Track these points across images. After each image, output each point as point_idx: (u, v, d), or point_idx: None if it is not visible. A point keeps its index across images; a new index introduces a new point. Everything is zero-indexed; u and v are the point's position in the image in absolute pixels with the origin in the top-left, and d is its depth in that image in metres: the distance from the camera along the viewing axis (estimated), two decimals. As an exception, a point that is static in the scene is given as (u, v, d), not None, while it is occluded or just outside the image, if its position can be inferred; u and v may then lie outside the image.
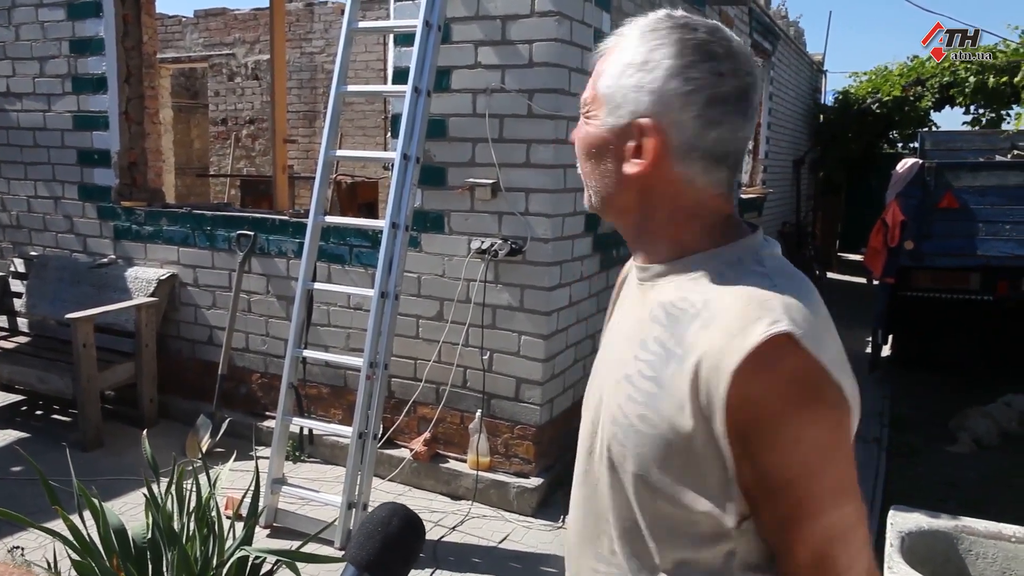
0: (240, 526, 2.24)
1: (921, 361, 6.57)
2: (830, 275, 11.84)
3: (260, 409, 4.34)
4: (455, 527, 3.41)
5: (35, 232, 5.05)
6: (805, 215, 11.93)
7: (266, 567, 2.22)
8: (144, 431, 2.59)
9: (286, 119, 5.10)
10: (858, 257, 10.80)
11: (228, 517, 2.63)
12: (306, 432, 4.01)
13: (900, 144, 12.77)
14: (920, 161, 6.07)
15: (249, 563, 2.14)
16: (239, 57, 10.11)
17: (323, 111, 9.14)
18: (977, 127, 10.65)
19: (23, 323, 4.97)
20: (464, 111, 3.54)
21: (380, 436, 3.37)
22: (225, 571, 2.08)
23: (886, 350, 6.78)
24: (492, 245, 3.52)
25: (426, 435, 3.77)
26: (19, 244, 5.12)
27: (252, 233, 4.23)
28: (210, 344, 4.49)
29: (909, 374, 6.38)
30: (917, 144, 7.43)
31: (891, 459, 4.58)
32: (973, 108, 10.86)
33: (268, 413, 4.23)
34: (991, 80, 10.13)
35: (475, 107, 3.51)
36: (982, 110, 10.81)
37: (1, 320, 5.00)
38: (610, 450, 0.90)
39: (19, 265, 4.95)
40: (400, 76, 3.57)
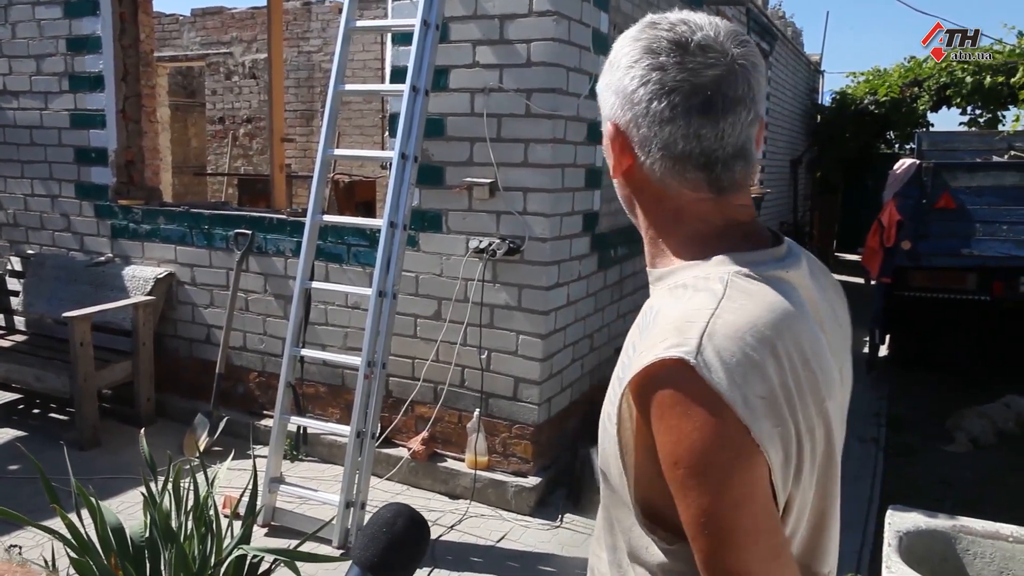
0: (238, 525, 2.24)
1: (918, 361, 6.58)
2: (827, 275, 11.84)
3: (258, 408, 4.34)
4: (453, 526, 3.41)
5: (32, 230, 5.04)
6: (802, 215, 11.96)
7: (264, 566, 2.22)
8: (141, 430, 2.58)
9: (283, 118, 5.10)
10: (855, 257, 10.83)
11: (226, 516, 2.62)
12: (303, 431, 4.01)
13: (897, 144, 12.78)
14: (917, 161, 6.09)
15: (247, 562, 2.14)
16: (236, 56, 10.10)
17: (321, 110, 9.15)
18: (974, 128, 10.66)
19: (20, 321, 4.96)
20: (462, 110, 3.54)
21: (378, 435, 3.37)
22: (223, 570, 2.08)
23: (883, 350, 6.79)
24: (490, 244, 3.51)
25: (424, 434, 3.77)
26: (16, 242, 5.10)
27: (250, 232, 4.23)
28: (208, 343, 4.48)
29: (906, 374, 6.39)
30: (914, 144, 7.44)
31: (888, 458, 4.61)
32: (970, 109, 10.87)
33: (266, 412, 4.23)
34: (988, 81, 10.15)
35: (473, 106, 3.51)
36: (979, 111, 10.83)
37: (-2, 319, 4.99)
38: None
39: (16, 263, 4.94)
40: (398, 75, 3.56)
